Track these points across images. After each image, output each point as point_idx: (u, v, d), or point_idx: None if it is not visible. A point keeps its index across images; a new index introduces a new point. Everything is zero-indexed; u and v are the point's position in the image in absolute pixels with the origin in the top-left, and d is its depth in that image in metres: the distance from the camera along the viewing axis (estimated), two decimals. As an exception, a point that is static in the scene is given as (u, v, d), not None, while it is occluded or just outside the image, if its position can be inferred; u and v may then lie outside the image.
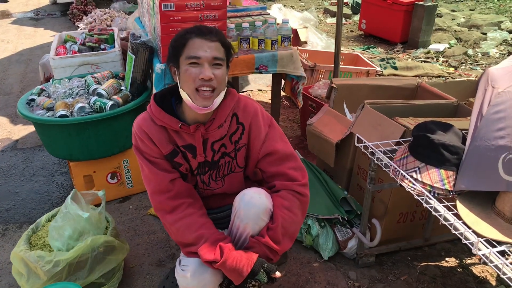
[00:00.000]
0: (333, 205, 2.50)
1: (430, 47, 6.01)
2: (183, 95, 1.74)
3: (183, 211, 1.79)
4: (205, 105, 1.71)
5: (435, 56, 5.77)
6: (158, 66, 2.64)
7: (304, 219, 1.85)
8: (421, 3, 5.89)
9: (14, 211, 2.86)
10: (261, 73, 2.88)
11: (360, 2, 6.85)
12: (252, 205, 1.77)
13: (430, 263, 2.45)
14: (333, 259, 2.45)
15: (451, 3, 8.71)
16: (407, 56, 5.82)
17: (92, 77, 2.91)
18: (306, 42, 5.22)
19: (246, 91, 4.69)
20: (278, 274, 1.76)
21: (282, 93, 3.82)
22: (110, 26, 5.19)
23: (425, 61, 5.59)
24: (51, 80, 3.02)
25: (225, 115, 1.82)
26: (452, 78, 5.04)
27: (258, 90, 4.73)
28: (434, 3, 5.96)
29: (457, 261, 2.46)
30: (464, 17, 7.44)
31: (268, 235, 1.75)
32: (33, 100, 2.82)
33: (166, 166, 1.83)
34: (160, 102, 1.82)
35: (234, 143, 1.87)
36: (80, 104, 2.62)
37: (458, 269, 2.41)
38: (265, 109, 3.93)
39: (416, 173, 1.84)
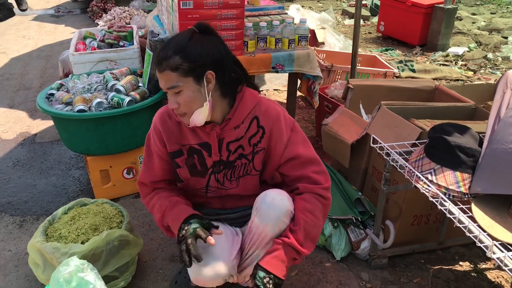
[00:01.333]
0: (347, 206, 2.49)
1: (449, 50, 5.96)
2: None
3: (160, 193, 1.96)
4: (186, 123, 1.76)
5: (454, 60, 5.72)
6: (176, 64, 2.66)
7: (325, 222, 1.85)
8: (441, 5, 5.84)
9: (31, 203, 2.91)
10: (277, 72, 2.89)
11: (379, 4, 6.82)
12: (274, 206, 1.78)
13: (444, 267, 2.43)
14: (346, 260, 2.45)
15: (472, 6, 8.61)
16: (425, 59, 5.78)
17: (111, 73, 2.94)
18: (323, 43, 5.21)
19: (262, 90, 4.70)
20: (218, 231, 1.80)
21: (298, 93, 3.82)
22: (129, 24, 5.25)
23: (443, 65, 5.54)
24: (70, 75, 3.07)
25: (243, 116, 1.81)
26: (470, 82, 5.00)
27: (274, 89, 4.74)
28: (454, 6, 5.90)
29: (471, 266, 2.44)
30: (484, 21, 7.36)
31: (292, 236, 1.77)
32: (52, 94, 2.86)
33: (163, 165, 1.94)
34: None
35: (253, 146, 1.85)
36: (98, 100, 2.65)
37: (472, 274, 2.39)
38: (281, 108, 3.91)
39: (432, 175, 1.83)
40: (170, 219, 1.87)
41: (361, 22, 5.89)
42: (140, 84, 2.88)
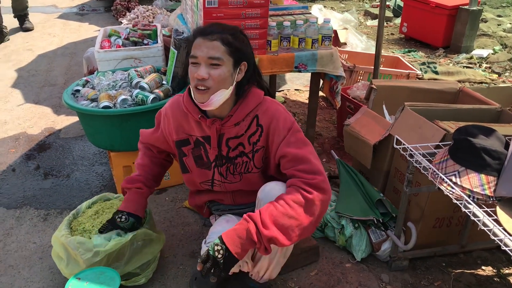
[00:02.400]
0: (368, 207, 2.48)
1: (473, 52, 5.87)
2: (191, 90, 1.84)
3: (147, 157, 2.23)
4: (201, 101, 1.78)
5: (478, 62, 5.63)
6: (199, 62, 2.68)
7: (310, 221, 1.72)
8: (466, 7, 5.76)
9: (55, 197, 2.97)
10: (300, 71, 2.89)
11: (402, 5, 6.76)
12: (272, 195, 1.80)
13: (466, 271, 2.40)
14: (366, 261, 2.44)
15: (498, 8, 8.47)
16: (449, 61, 5.70)
17: (135, 70, 2.98)
18: (345, 43, 5.19)
19: (283, 90, 4.70)
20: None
21: (320, 93, 3.81)
22: (152, 23, 5.30)
23: (467, 67, 5.47)
24: (95, 72, 3.11)
25: (244, 114, 1.86)
26: (495, 84, 4.92)
27: (295, 89, 4.74)
28: (479, 8, 5.81)
29: (494, 270, 2.41)
30: (510, 23, 7.23)
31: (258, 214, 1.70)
32: (78, 91, 2.91)
33: (163, 143, 2.13)
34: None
35: (252, 144, 1.90)
36: (123, 96, 2.69)
37: (495, 279, 2.35)
38: (302, 109, 3.96)
39: (456, 177, 1.82)
40: (126, 196, 2.17)
41: (384, 23, 5.84)
42: (164, 82, 2.91)
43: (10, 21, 6.57)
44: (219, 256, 1.66)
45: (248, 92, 1.87)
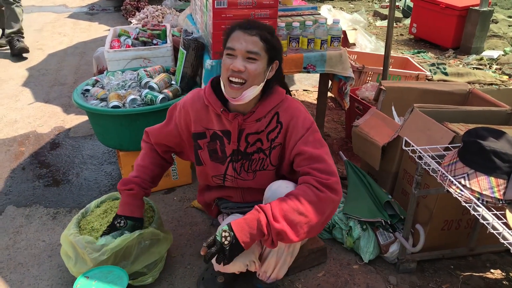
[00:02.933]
0: (376, 209, 2.47)
1: (484, 53, 5.83)
2: (221, 84, 1.84)
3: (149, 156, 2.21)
4: (233, 96, 1.79)
5: (488, 63, 5.59)
6: (208, 62, 2.69)
7: (319, 220, 1.72)
8: (476, 8, 5.72)
9: (64, 196, 2.99)
10: (308, 72, 2.88)
11: (411, 6, 6.73)
12: (279, 193, 1.81)
13: (474, 274, 2.39)
14: (374, 263, 2.43)
15: (508, 9, 8.40)
16: (459, 62, 5.67)
17: (144, 70, 3.00)
18: (354, 44, 5.18)
19: (291, 90, 4.70)
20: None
21: (328, 94, 3.81)
22: (162, 23, 5.32)
23: (477, 68, 5.43)
24: (105, 72, 3.13)
25: (266, 111, 1.89)
26: (505, 86, 4.88)
27: (304, 90, 4.74)
28: (490, 9, 5.78)
29: (503, 274, 2.39)
30: (521, 24, 7.18)
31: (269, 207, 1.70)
32: (87, 90, 2.93)
33: (175, 137, 2.09)
34: (215, 84, 1.95)
35: (270, 141, 1.92)
36: (132, 96, 2.70)
37: (504, 282, 2.34)
38: (310, 109, 3.96)
39: (465, 180, 1.81)
40: (121, 199, 2.17)
41: (393, 23, 5.82)
42: (173, 82, 2.92)
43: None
44: (226, 242, 1.66)
45: (272, 90, 1.90)
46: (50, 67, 5.27)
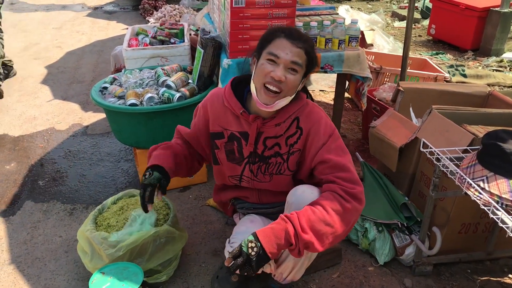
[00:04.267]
0: (393, 210, 2.45)
1: (504, 55, 5.75)
2: (252, 87, 1.81)
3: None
4: (266, 102, 1.77)
5: (508, 66, 5.51)
6: (225, 62, 2.70)
7: (344, 230, 1.70)
8: (497, 9, 5.64)
9: (81, 192, 3.02)
10: (326, 72, 2.87)
11: (430, 7, 6.66)
12: (303, 199, 1.79)
13: (492, 278, 2.35)
14: (389, 265, 2.41)
15: (529, 10, 8.27)
16: (478, 64, 5.60)
17: (162, 69, 3.01)
18: (372, 45, 5.15)
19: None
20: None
21: (345, 95, 3.79)
22: (179, 22, 5.34)
23: (497, 70, 5.36)
24: (123, 70, 3.16)
25: (286, 116, 1.87)
26: (525, 88, 4.81)
27: (320, 90, 4.72)
28: (511, 10, 5.69)
29: (521, 279, 2.36)
30: (542, 26, 7.05)
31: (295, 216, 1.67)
32: (105, 88, 2.95)
33: (201, 131, 2.03)
34: (234, 86, 1.94)
35: (289, 146, 1.90)
36: (149, 94, 2.72)
37: (522, 287, 2.30)
38: (326, 110, 3.94)
39: (484, 182, 1.78)
40: (152, 155, 2.01)
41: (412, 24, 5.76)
42: (190, 81, 2.93)
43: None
44: (253, 253, 1.62)
45: (296, 96, 1.87)
46: (68, 65, 5.33)
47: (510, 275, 2.37)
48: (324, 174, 1.82)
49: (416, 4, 7.79)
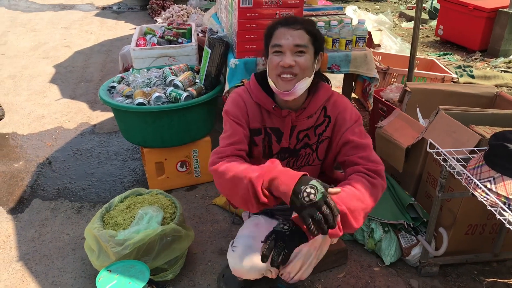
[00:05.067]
0: (399, 211, 2.45)
1: (512, 56, 5.72)
2: (270, 82, 1.81)
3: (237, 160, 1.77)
4: (286, 88, 1.76)
5: (516, 66, 5.48)
6: (232, 61, 2.70)
7: (372, 206, 1.68)
8: (506, 10, 5.61)
9: (89, 190, 3.04)
10: (332, 72, 2.87)
11: (438, 8, 6.63)
12: None
13: (499, 280, 2.34)
14: (395, 265, 2.41)
15: (538, 11, 8.21)
16: (486, 65, 5.57)
17: (169, 68, 3.03)
18: (379, 45, 5.14)
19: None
20: (335, 189, 1.56)
21: (352, 95, 3.78)
22: (187, 22, 5.36)
23: (505, 71, 5.32)
24: (131, 70, 3.17)
25: (317, 107, 1.88)
26: (534, 90, 4.78)
27: (327, 91, 4.70)
28: (519, 11, 5.66)
29: (528, 280, 2.35)
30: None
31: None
32: (113, 87, 2.97)
33: (245, 132, 1.86)
34: (260, 81, 1.90)
35: (318, 135, 1.91)
36: (157, 94, 2.73)
37: (529, 289, 2.29)
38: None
39: (491, 183, 1.77)
40: (269, 171, 1.60)
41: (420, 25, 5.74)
42: (197, 81, 2.94)
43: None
44: (286, 227, 1.59)
45: (319, 85, 1.89)
46: (76, 64, 5.37)
47: (517, 277, 2.37)
48: (347, 156, 1.83)
49: (424, 5, 7.76)
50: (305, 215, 1.50)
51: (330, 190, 1.55)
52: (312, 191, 1.50)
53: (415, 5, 3.40)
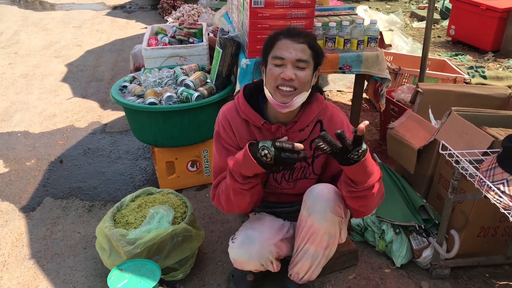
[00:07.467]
0: (410, 212, 2.44)
1: (525, 57, 5.66)
2: (266, 92, 1.80)
3: None
4: (284, 101, 1.75)
5: (530, 67, 5.43)
6: (244, 61, 2.71)
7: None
8: (518, 10, 5.56)
9: (100, 189, 3.06)
10: (344, 73, 2.86)
11: (450, 8, 6.58)
12: (320, 198, 1.81)
13: (510, 283, 2.32)
14: (406, 267, 2.40)
15: (552, 11, 8.13)
16: (498, 65, 5.52)
17: (181, 68, 3.04)
18: (390, 45, 5.11)
19: (325, 91, 4.66)
20: (298, 145, 1.59)
21: (363, 95, 3.77)
22: (197, 21, 5.37)
23: (517, 72, 5.28)
24: (142, 69, 3.19)
25: (308, 120, 1.87)
26: (547, 91, 4.72)
27: (337, 91, 4.70)
28: (532, 11, 5.60)
29: (541, 284, 2.32)
30: None
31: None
32: (125, 86, 2.99)
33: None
34: (248, 96, 1.89)
35: (314, 149, 1.90)
36: (168, 93, 2.74)
37: (542, 292, 2.27)
38: (344, 110, 3.93)
39: (504, 186, 1.76)
40: (236, 159, 1.73)
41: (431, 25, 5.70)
42: (208, 80, 2.95)
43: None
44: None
45: (312, 98, 1.87)
46: (88, 63, 5.40)
47: (529, 280, 2.35)
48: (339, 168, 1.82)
49: (435, 5, 7.71)
50: (282, 165, 1.62)
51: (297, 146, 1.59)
52: (264, 152, 1.60)
53: (426, 4, 3.38)
